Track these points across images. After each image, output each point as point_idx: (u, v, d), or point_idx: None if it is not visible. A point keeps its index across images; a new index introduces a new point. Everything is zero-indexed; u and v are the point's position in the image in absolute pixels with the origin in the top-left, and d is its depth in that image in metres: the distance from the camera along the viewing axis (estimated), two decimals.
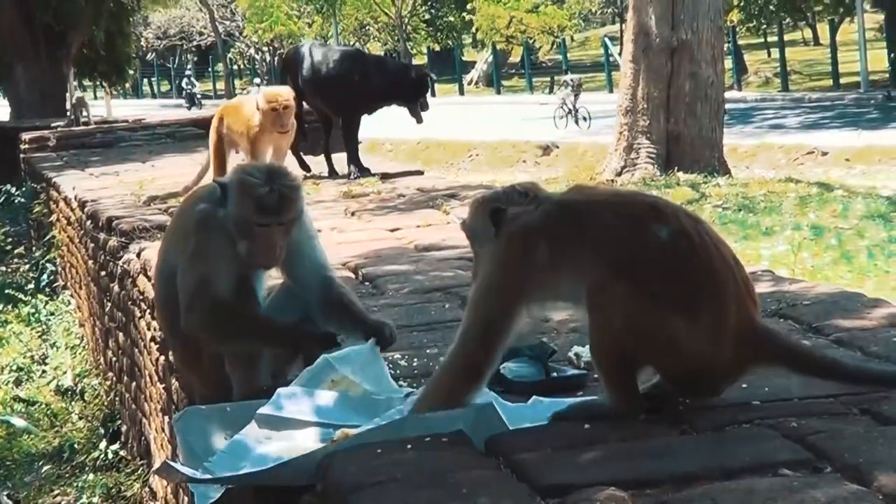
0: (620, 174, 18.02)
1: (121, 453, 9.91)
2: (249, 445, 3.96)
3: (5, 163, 21.63)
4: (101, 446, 10.21)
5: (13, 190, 18.24)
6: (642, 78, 18.02)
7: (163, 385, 7.00)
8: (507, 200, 3.84)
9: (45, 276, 15.90)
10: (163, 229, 7.76)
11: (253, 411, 4.09)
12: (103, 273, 10.19)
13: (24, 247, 17.87)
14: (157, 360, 7.22)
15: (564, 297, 3.76)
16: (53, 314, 14.10)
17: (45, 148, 19.86)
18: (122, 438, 10.07)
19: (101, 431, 10.55)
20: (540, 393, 4.05)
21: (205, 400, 4.71)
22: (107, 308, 10.24)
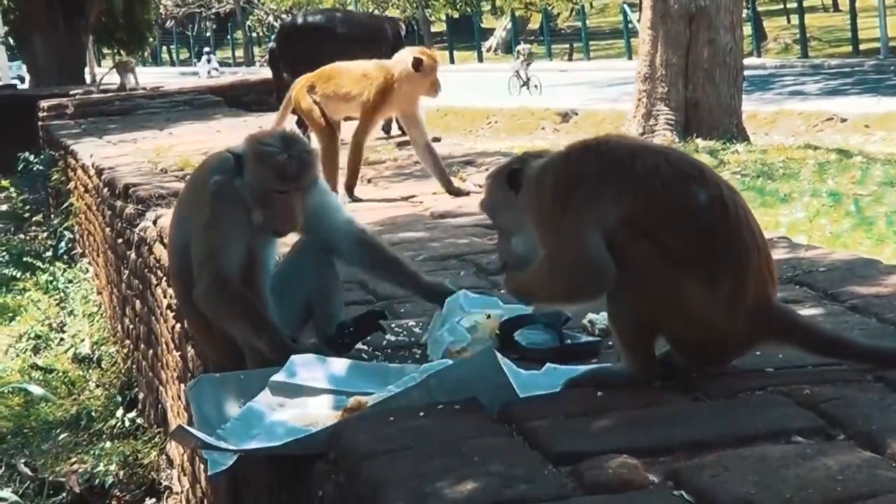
0: None
1: (138, 421, 9.94)
2: (263, 412, 3.97)
3: (24, 131, 21.68)
4: (118, 414, 10.24)
5: (31, 157, 18.24)
6: (661, 45, 17.92)
7: (179, 353, 7.01)
8: (522, 162, 3.82)
9: (62, 243, 15.90)
10: None
11: (266, 379, 4.10)
12: (120, 241, 10.20)
13: (43, 214, 17.89)
14: (173, 328, 7.23)
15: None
16: (71, 282, 14.11)
17: (63, 116, 19.91)
18: (139, 406, 10.09)
19: (119, 399, 10.58)
20: (554, 360, 4.04)
21: (219, 368, 4.72)
22: (124, 276, 10.26)
